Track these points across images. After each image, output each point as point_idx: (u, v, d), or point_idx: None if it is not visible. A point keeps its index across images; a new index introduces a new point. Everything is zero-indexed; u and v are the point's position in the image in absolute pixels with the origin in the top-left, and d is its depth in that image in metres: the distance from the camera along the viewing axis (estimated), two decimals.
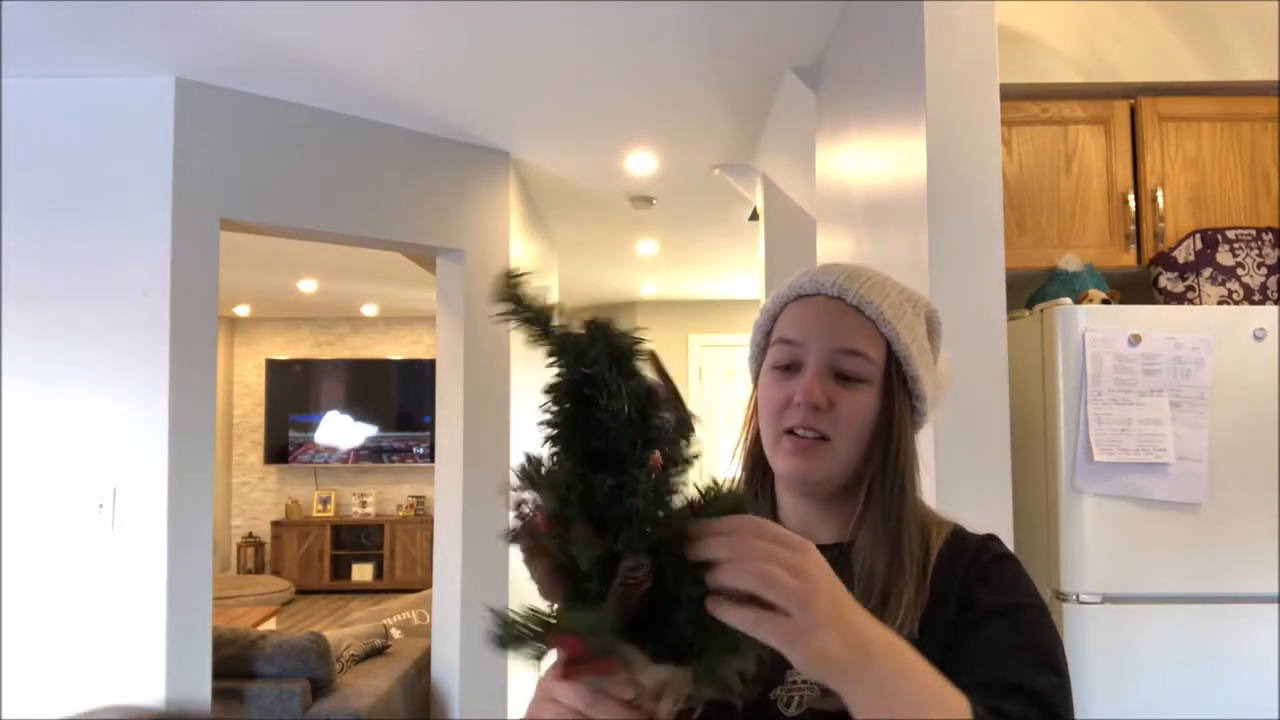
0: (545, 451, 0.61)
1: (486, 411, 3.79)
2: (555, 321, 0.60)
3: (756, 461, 0.95)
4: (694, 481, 0.62)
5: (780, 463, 0.89)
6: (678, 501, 0.61)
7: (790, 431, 0.88)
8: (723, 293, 7.61)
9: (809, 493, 0.92)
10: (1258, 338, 1.90)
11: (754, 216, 4.41)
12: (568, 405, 0.60)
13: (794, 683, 0.84)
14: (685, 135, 3.68)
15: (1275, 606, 1.84)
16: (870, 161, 2.36)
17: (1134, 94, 2.26)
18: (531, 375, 4.60)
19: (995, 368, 1.85)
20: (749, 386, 1.00)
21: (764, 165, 3.89)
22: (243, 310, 8.48)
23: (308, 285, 7.19)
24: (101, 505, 2.91)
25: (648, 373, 0.61)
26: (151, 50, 2.81)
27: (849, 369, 0.89)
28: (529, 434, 4.51)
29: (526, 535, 0.60)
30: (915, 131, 1.96)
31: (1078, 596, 1.86)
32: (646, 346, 0.60)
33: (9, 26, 2.62)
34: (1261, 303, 2.09)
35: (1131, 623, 1.85)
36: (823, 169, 2.93)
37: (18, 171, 2.96)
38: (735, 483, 0.63)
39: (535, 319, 0.60)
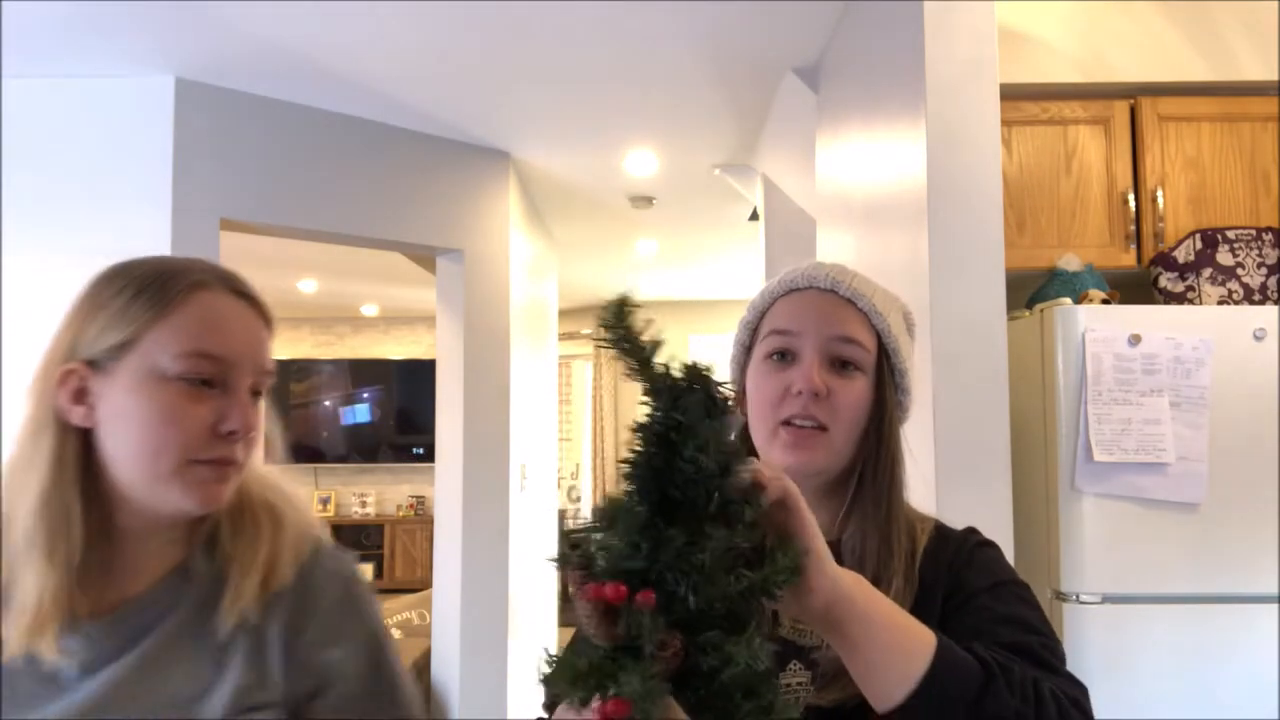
0: (622, 489, 0.60)
1: (486, 411, 3.79)
2: (656, 360, 0.60)
3: None
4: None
5: (777, 455, 0.89)
6: (736, 572, 0.60)
7: (787, 423, 0.88)
8: (723, 293, 7.61)
9: (803, 486, 0.91)
10: (1258, 338, 1.90)
11: (754, 216, 4.41)
12: (652, 449, 0.59)
13: (788, 685, 0.85)
14: (685, 135, 3.68)
15: (1275, 606, 1.84)
16: (870, 161, 2.36)
17: (1134, 94, 2.26)
18: (531, 375, 4.60)
19: (995, 368, 1.85)
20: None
21: (764, 165, 3.89)
22: None
23: (308, 285, 7.19)
24: None
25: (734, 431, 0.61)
26: (151, 50, 2.81)
27: (848, 355, 0.90)
28: (528, 434, 4.51)
29: (577, 571, 0.59)
30: (915, 131, 1.96)
31: (1078, 596, 1.86)
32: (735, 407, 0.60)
33: (9, 26, 2.62)
34: (1261, 303, 2.09)
35: (1131, 623, 1.85)
36: (823, 169, 2.93)
37: (18, 171, 2.96)
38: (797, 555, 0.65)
39: (638, 353, 0.60)
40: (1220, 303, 2.09)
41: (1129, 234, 2.22)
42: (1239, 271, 2.11)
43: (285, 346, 8.77)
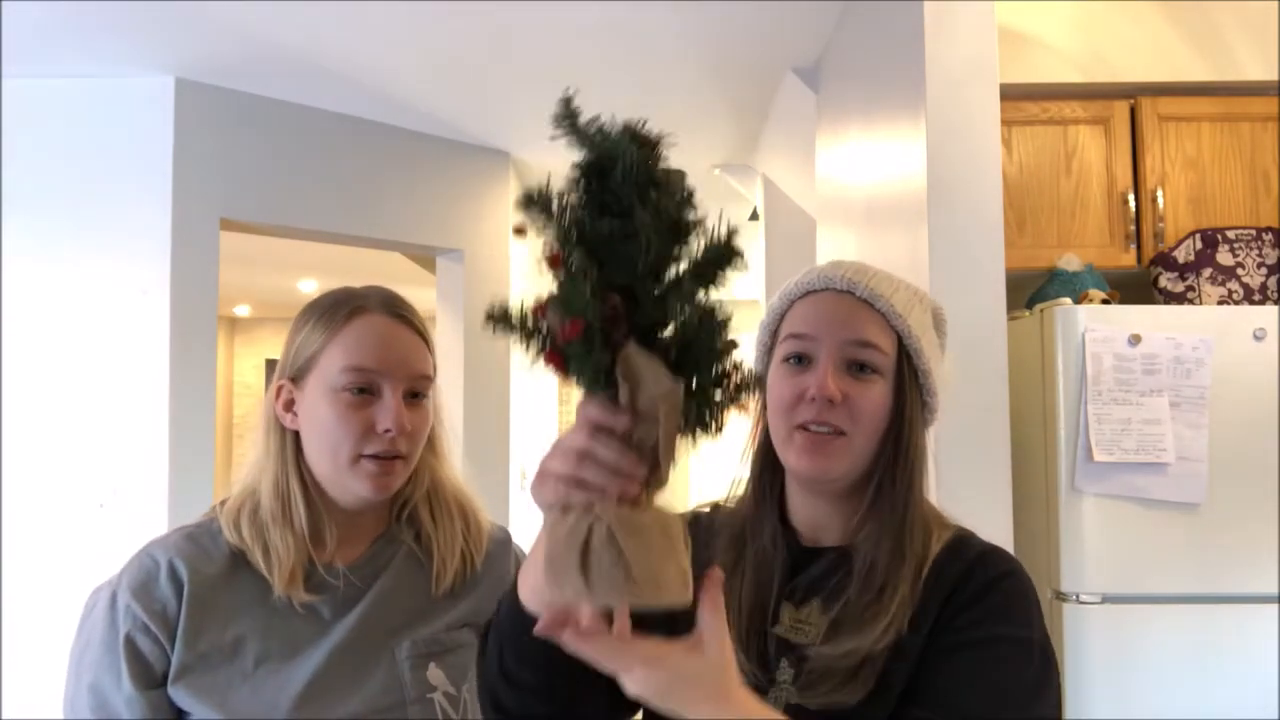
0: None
1: (486, 411, 3.79)
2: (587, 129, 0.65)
3: (765, 460, 0.94)
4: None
5: (792, 459, 0.87)
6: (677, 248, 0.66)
7: (803, 427, 0.87)
8: (722, 293, 7.61)
9: (821, 490, 0.90)
10: (1258, 338, 1.90)
11: (754, 216, 4.41)
12: (585, 181, 0.65)
13: (778, 681, 0.84)
14: (685, 135, 3.66)
15: (1275, 606, 1.84)
16: (870, 161, 2.36)
17: (1134, 94, 2.26)
18: (531, 376, 4.60)
19: (995, 368, 1.85)
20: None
21: (764, 165, 3.89)
22: (243, 310, 8.48)
23: (308, 285, 7.19)
24: (102, 504, 2.91)
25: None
26: (151, 50, 2.81)
27: (864, 358, 0.88)
28: (529, 434, 4.51)
29: (506, 316, 0.65)
30: (915, 131, 1.96)
31: (1078, 596, 1.86)
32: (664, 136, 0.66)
33: (9, 26, 2.62)
34: (1261, 303, 2.09)
35: (1131, 623, 1.85)
36: (823, 169, 2.93)
37: (18, 171, 2.96)
38: (727, 230, 0.67)
39: (581, 129, 0.66)
40: (1220, 303, 2.09)
41: (1129, 234, 2.22)
42: (1239, 271, 2.11)
43: None
